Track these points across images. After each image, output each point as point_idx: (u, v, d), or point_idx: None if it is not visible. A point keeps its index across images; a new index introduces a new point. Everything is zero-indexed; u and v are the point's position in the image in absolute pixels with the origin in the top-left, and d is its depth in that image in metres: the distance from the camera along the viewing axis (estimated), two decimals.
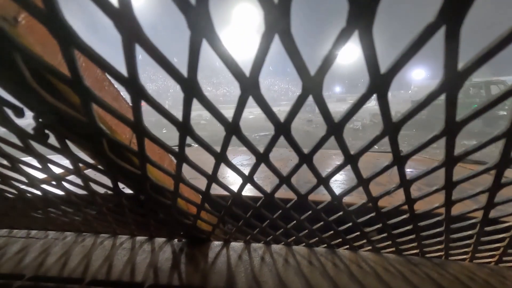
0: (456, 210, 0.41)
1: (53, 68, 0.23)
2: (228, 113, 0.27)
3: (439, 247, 0.53)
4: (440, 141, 0.28)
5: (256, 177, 0.40)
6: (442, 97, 0.23)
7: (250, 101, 0.26)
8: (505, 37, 0.18)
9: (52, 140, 0.35)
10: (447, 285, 0.48)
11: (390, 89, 0.23)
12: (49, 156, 0.43)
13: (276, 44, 0.21)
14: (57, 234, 0.70)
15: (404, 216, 0.45)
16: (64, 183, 0.49)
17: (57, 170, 0.45)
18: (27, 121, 0.29)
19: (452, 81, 0.21)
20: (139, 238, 0.66)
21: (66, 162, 0.41)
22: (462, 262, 0.55)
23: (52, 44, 0.27)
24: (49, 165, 0.43)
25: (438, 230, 0.47)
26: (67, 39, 0.20)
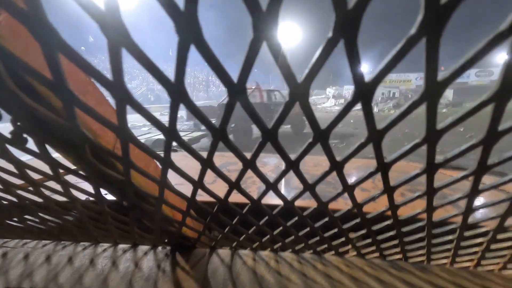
0: (437, 215, 0.43)
1: (34, 70, 0.22)
2: None
3: (421, 252, 0.54)
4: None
5: (242, 183, 0.40)
6: None
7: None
8: (480, 49, 0.19)
9: (31, 144, 0.33)
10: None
11: None
12: (27, 161, 0.41)
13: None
14: (35, 243, 0.66)
15: (388, 222, 0.46)
16: (43, 189, 0.47)
17: (35, 176, 0.43)
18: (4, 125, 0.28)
19: (433, 91, 0.22)
20: (121, 246, 0.64)
21: (46, 168, 0.40)
22: (443, 266, 0.56)
23: (33, 46, 0.26)
24: (27, 170, 0.41)
25: (420, 235, 0.48)
26: (50, 42, 0.20)
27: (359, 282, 0.51)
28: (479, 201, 0.37)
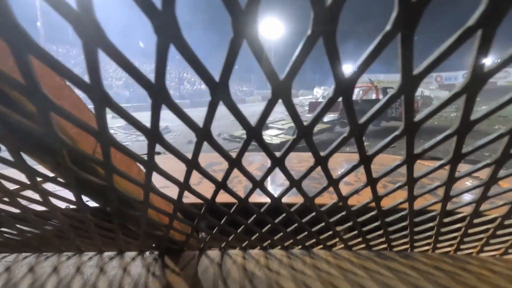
0: (418, 204, 0.44)
1: (4, 74, 0.21)
2: None
3: (404, 240, 0.56)
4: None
5: (228, 183, 0.40)
6: None
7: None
8: (451, 44, 0.20)
9: (5, 153, 0.32)
10: (414, 275, 0.51)
11: None
12: (1, 171, 0.39)
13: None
14: (14, 256, 0.63)
15: (372, 213, 0.48)
16: (19, 199, 0.45)
17: (11, 186, 0.41)
18: None
19: (409, 84, 0.23)
20: (107, 253, 0.62)
21: (21, 177, 0.38)
22: (426, 253, 0.59)
23: (2, 49, 0.25)
24: (1, 180, 0.39)
25: (403, 224, 0.50)
26: (21, 45, 0.19)
27: (345, 272, 0.52)
28: (456, 188, 0.39)
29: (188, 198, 0.44)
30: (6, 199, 0.44)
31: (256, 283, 0.50)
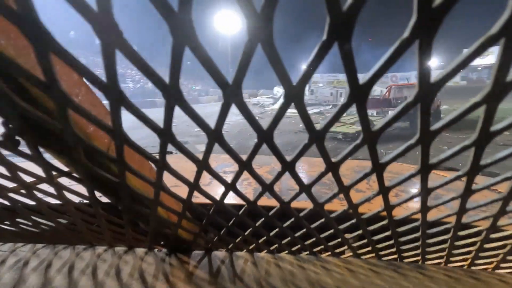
0: (431, 215, 0.43)
1: (26, 71, 0.22)
2: None
3: (416, 251, 0.55)
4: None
5: (238, 184, 0.40)
6: None
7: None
8: (475, 50, 0.19)
9: (23, 146, 0.33)
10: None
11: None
12: (20, 164, 0.40)
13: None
14: (29, 247, 0.65)
15: (383, 222, 0.47)
16: (36, 192, 0.46)
17: (28, 178, 0.43)
18: None
19: (426, 92, 0.22)
20: (117, 249, 0.63)
21: (38, 170, 0.39)
22: (438, 266, 0.57)
23: (25, 47, 0.26)
24: (19, 173, 0.41)
25: (415, 235, 0.49)
26: (42, 42, 0.20)
27: (355, 280, 0.51)
28: (472, 200, 0.37)
29: (198, 198, 0.44)
30: (23, 191, 0.45)
31: (270, 281, 0.51)
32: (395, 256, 0.57)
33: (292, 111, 0.27)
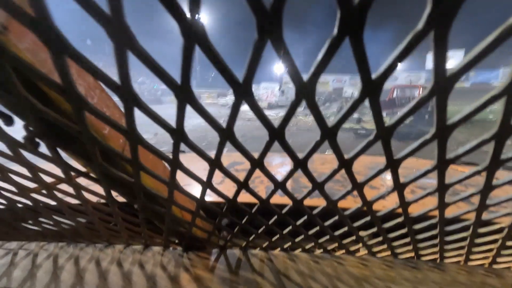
0: (449, 212, 0.42)
1: (44, 75, 0.23)
2: None
3: (434, 249, 0.53)
4: None
5: (250, 183, 0.40)
6: None
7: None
8: (491, 42, 0.19)
9: (43, 148, 0.34)
10: (446, 287, 0.48)
11: None
12: (40, 165, 0.42)
13: None
14: (50, 245, 0.68)
15: (399, 219, 0.46)
16: (55, 192, 0.48)
17: (48, 179, 0.44)
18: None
19: (442, 86, 0.22)
20: (134, 247, 0.65)
21: (57, 171, 0.41)
22: (458, 264, 0.55)
23: (42, 51, 0.27)
24: (40, 173, 0.42)
25: (432, 232, 0.48)
26: (58, 47, 0.20)
27: (373, 278, 0.51)
28: (493, 196, 0.36)
29: (210, 197, 0.45)
30: (44, 191, 0.47)
31: (289, 275, 0.51)
32: (412, 254, 0.56)
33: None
